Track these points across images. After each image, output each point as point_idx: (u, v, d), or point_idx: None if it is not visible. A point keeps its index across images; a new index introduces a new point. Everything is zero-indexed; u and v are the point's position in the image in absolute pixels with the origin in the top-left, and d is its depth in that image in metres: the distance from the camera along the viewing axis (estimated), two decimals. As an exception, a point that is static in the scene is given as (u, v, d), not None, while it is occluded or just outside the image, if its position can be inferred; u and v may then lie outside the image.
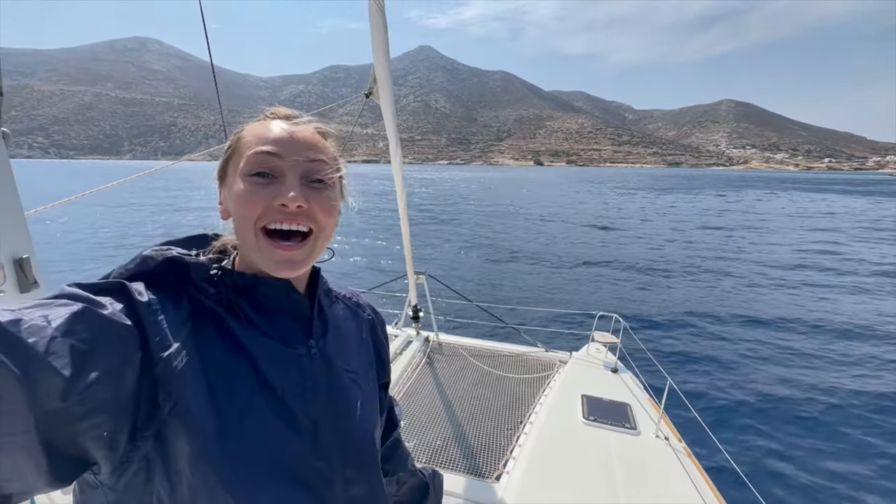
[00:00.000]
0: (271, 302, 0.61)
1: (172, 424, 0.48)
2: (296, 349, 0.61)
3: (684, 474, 2.21)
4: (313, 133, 0.61)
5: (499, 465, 2.40)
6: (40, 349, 0.38)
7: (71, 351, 0.40)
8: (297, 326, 0.64)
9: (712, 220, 26.16)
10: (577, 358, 3.59)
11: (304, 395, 0.59)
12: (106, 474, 0.47)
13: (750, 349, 7.20)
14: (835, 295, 10.65)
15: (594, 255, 15.27)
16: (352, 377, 0.69)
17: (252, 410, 0.53)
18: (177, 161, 1.85)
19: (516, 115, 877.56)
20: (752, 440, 4.73)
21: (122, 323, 0.46)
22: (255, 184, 0.56)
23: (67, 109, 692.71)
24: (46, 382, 0.38)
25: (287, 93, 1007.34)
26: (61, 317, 0.41)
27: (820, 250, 16.55)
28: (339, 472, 0.61)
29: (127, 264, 0.55)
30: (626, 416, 2.69)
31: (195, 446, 0.48)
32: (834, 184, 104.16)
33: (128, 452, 0.47)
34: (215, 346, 0.54)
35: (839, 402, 5.57)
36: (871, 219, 29.49)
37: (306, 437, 0.58)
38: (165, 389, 0.48)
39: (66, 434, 0.41)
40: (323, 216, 0.60)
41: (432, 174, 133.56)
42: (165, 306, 0.52)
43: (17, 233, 1.08)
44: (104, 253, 14.57)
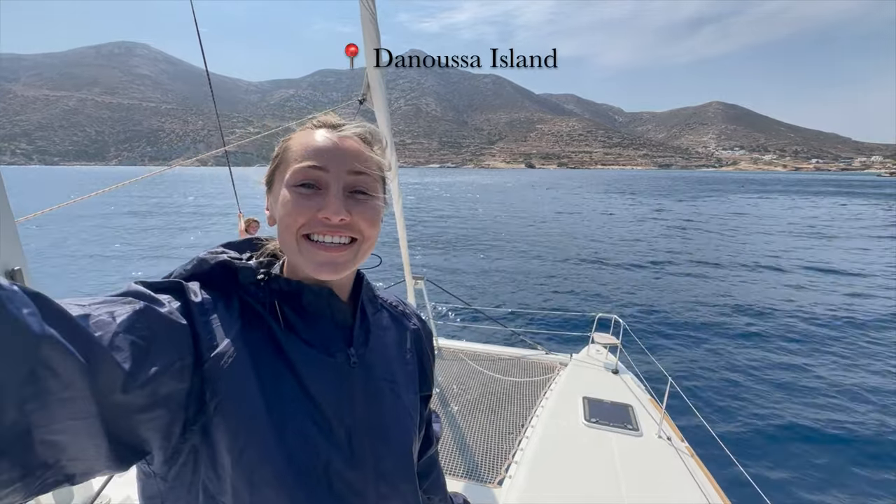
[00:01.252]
0: (314, 308, 0.62)
1: (217, 421, 0.50)
2: (335, 357, 0.61)
3: (688, 475, 2.18)
4: (358, 142, 0.62)
5: (501, 469, 2.37)
6: (105, 343, 0.41)
7: (132, 346, 0.43)
8: (339, 334, 0.64)
9: (712, 223, 26.01)
10: (577, 360, 3.57)
11: (340, 405, 0.60)
12: (158, 465, 0.50)
13: (750, 348, 7.16)
14: (839, 295, 10.69)
15: (593, 258, 15.00)
16: (392, 388, 0.68)
17: (291, 415, 0.55)
18: (174, 165, 1.80)
19: (507, 118, 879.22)
20: (756, 438, 4.69)
21: (177, 322, 0.49)
22: (300, 195, 0.57)
23: (52, 115, 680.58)
24: (108, 374, 0.40)
25: (277, 97, 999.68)
26: (125, 314, 0.44)
27: (822, 253, 16.34)
28: (373, 486, 0.61)
29: (185, 265, 0.58)
30: (627, 418, 2.67)
31: (236, 444, 0.50)
32: (826, 185, 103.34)
33: (178, 445, 0.49)
34: (262, 348, 0.56)
35: (844, 400, 5.48)
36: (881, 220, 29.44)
37: (341, 446, 0.58)
38: (212, 387, 0.50)
39: (126, 424, 0.43)
40: (366, 227, 0.60)
41: (420, 179, 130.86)
42: (217, 307, 0.55)
43: (9, 244, 1.07)
44: (100, 262, 14.07)
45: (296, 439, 0.54)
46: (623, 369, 3.35)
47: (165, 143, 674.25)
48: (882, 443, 4.63)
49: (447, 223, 25.88)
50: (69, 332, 0.38)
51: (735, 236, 20.65)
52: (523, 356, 3.79)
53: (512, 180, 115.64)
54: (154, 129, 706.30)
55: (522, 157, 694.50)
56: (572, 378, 3.25)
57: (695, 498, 2.04)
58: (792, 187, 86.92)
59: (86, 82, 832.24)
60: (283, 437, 0.53)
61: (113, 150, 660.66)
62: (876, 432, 4.81)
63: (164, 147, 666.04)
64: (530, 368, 3.59)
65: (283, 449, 0.53)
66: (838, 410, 5.24)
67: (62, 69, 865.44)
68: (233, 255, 0.62)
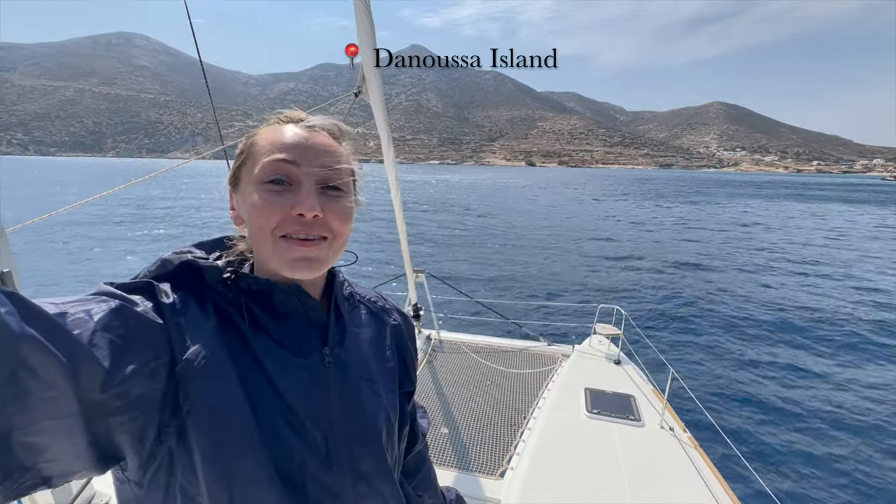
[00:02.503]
0: (285, 308, 0.60)
1: (191, 423, 0.49)
2: (308, 358, 0.60)
3: (690, 465, 2.18)
4: (328, 137, 0.60)
5: (503, 461, 2.37)
6: (84, 341, 0.40)
7: (110, 344, 0.42)
8: (313, 333, 0.63)
9: (721, 223, 25.39)
10: (579, 351, 3.56)
11: (315, 406, 0.58)
12: (133, 470, 0.48)
13: (753, 339, 7.18)
14: (842, 289, 10.79)
15: (594, 249, 15.00)
16: (371, 386, 0.66)
17: (263, 416, 0.53)
18: (189, 160, 1.82)
19: (508, 115, 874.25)
20: (758, 429, 4.69)
21: (154, 321, 0.48)
22: (271, 192, 0.55)
23: (49, 105, 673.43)
24: (89, 372, 0.40)
25: (277, 90, 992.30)
26: (101, 312, 0.43)
27: (832, 253, 16.26)
28: (350, 486, 0.60)
29: (150, 266, 0.56)
30: (629, 408, 2.67)
31: (210, 446, 0.49)
32: (834, 189, 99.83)
33: (154, 448, 0.48)
34: (234, 348, 0.55)
35: (845, 391, 5.46)
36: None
37: (316, 447, 0.57)
38: (185, 389, 0.49)
39: (104, 424, 0.42)
40: (338, 224, 0.59)
41: (418, 176, 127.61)
42: (189, 307, 0.53)
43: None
44: (91, 266, 13.80)
45: (269, 441, 0.53)
46: (625, 360, 3.35)
47: (163, 135, 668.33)
48: (885, 434, 4.60)
49: (446, 220, 25.40)
50: (48, 331, 0.37)
51: (743, 235, 19.90)
52: (525, 348, 3.79)
53: (527, 180, 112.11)
54: (152, 120, 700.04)
55: (523, 155, 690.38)
56: (574, 369, 3.25)
57: (697, 488, 2.04)
58: (802, 191, 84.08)
59: (84, 73, 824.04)
60: (256, 439, 0.52)
61: (110, 141, 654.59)
62: (880, 424, 4.77)
63: (161, 139, 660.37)
64: (532, 360, 3.59)
65: (256, 451, 0.52)
66: (841, 402, 5.18)
67: (60, 59, 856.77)
68: (199, 254, 0.60)
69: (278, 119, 0.62)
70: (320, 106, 2.51)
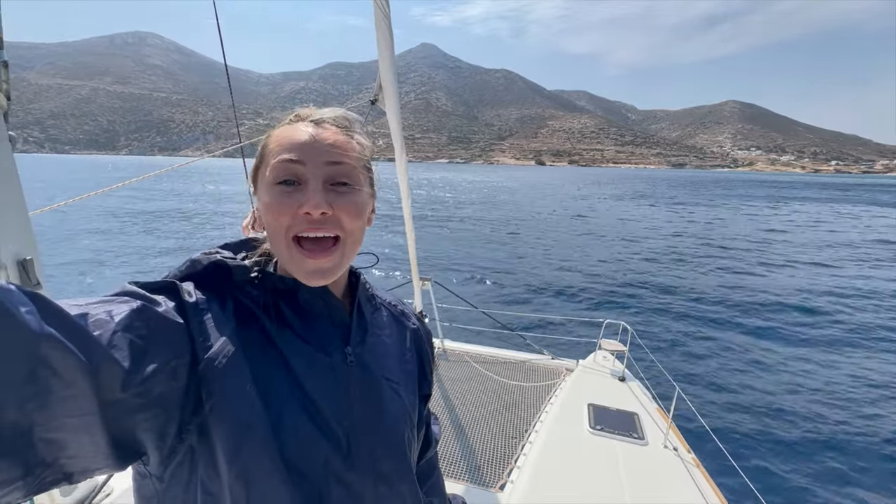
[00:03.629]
0: (310, 306, 0.62)
1: (213, 421, 0.50)
2: (331, 356, 0.61)
3: (694, 486, 2.15)
4: (336, 133, 0.60)
5: (503, 474, 2.35)
6: (104, 342, 0.41)
7: (130, 345, 0.43)
8: (336, 332, 0.64)
9: (727, 231, 24.27)
10: (583, 366, 3.53)
11: (337, 403, 0.59)
12: (154, 465, 0.50)
13: (760, 358, 7.05)
14: (852, 307, 10.36)
15: (602, 263, 14.87)
16: (391, 386, 0.67)
17: (287, 413, 0.54)
18: (204, 156, 1.84)
19: (518, 113, 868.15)
20: (764, 451, 4.60)
21: (174, 321, 0.50)
22: (281, 193, 0.56)
23: (64, 103, 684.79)
24: (108, 372, 0.40)
25: (287, 89, 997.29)
26: (122, 313, 0.44)
27: (837, 263, 15.57)
28: (371, 486, 0.60)
29: (179, 266, 0.58)
30: (633, 426, 2.63)
31: (231, 443, 0.50)
32: (869, 190, 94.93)
33: (175, 445, 0.49)
34: (257, 347, 0.56)
35: (855, 416, 5.39)
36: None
37: (339, 445, 0.58)
38: (208, 387, 0.50)
39: (124, 422, 0.43)
40: (349, 220, 0.59)
41: (426, 174, 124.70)
42: (211, 307, 0.55)
43: (22, 234, 1.09)
44: (110, 256, 14.23)
45: (292, 437, 0.54)
46: (630, 377, 3.31)
47: (175, 133, 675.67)
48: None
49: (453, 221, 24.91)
50: (68, 331, 0.38)
51: (761, 248, 18.83)
52: (529, 360, 3.77)
53: (538, 179, 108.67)
54: (164, 119, 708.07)
55: (532, 154, 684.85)
56: (578, 384, 3.23)
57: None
58: (822, 192, 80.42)
59: (98, 71, 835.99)
60: (280, 435, 0.53)
61: (123, 139, 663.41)
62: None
63: (173, 137, 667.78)
64: (536, 373, 3.57)
65: (279, 447, 0.52)
66: (855, 428, 5.07)
67: (75, 58, 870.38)
68: (227, 255, 0.61)
69: (290, 119, 0.63)
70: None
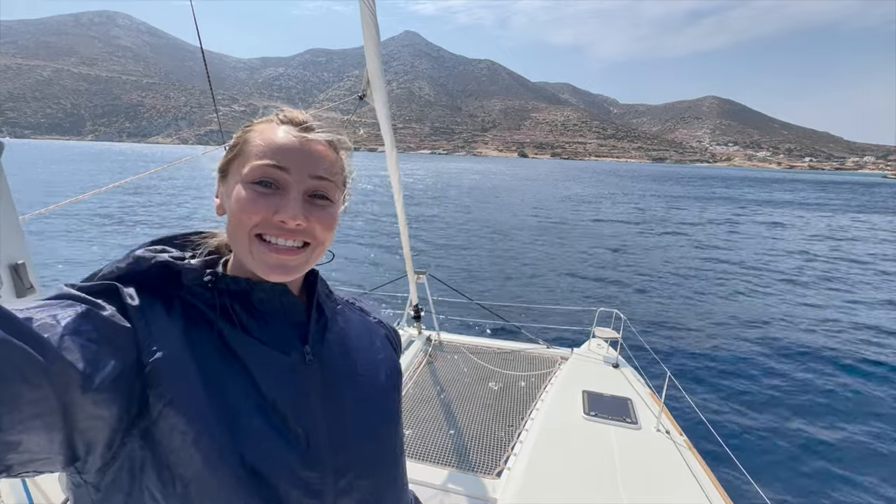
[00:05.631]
0: (266, 306, 0.60)
1: (161, 426, 0.48)
2: (289, 355, 0.60)
3: (686, 468, 2.20)
4: (325, 147, 0.59)
5: (500, 461, 2.39)
6: (54, 344, 0.40)
7: (81, 349, 0.42)
8: (293, 331, 0.62)
9: (718, 223, 24.77)
10: (578, 354, 3.59)
11: (295, 403, 0.58)
12: (91, 472, 0.47)
13: (751, 343, 7.22)
14: (840, 292, 10.93)
15: (594, 252, 15.23)
16: (353, 382, 0.66)
17: (241, 416, 0.53)
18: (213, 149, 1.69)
19: (502, 105, 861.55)
20: (755, 433, 4.73)
21: (121, 325, 0.48)
22: (257, 192, 0.55)
23: (24, 85, 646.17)
24: (64, 375, 0.40)
25: (265, 75, 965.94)
26: (69, 317, 0.43)
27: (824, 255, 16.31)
28: (331, 483, 0.59)
29: (118, 262, 0.54)
30: (627, 411, 2.69)
31: (182, 449, 0.48)
32: (840, 189, 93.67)
33: (116, 451, 0.47)
34: (208, 350, 0.54)
35: (845, 400, 5.49)
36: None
37: (297, 445, 0.56)
38: (155, 392, 0.48)
39: (77, 425, 0.42)
40: (322, 231, 0.59)
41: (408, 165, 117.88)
42: (156, 310, 0.52)
43: (13, 238, 1.08)
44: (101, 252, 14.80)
45: (248, 438, 0.52)
46: (623, 363, 3.38)
47: (145, 118, 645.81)
48: (881, 444, 4.59)
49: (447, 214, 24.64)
50: (20, 334, 0.37)
51: (747, 240, 19.37)
52: (524, 350, 3.83)
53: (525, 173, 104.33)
54: (134, 103, 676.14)
55: (516, 146, 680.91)
56: (572, 372, 3.28)
57: (692, 491, 2.06)
58: (796, 188, 78.65)
59: (62, 52, 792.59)
60: (235, 438, 0.51)
61: (89, 124, 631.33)
62: (876, 434, 4.77)
63: (143, 123, 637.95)
64: (531, 362, 3.62)
65: (234, 449, 0.51)
66: (839, 410, 5.21)
67: (38, 37, 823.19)
68: (174, 254, 0.58)
69: (279, 118, 0.60)
70: (328, 108, 2.42)
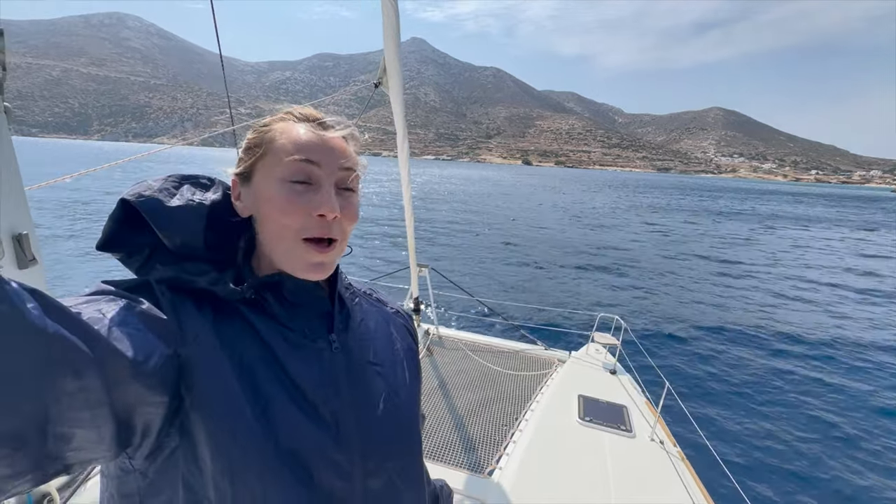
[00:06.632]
0: (295, 297, 0.62)
1: (194, 415, 0.50)
2: (317, 343, 0.62)
3: (678, 479, 2.19)
4: (342, 141, 0.62)
5: (492, 460, 2.39)
6: (104, 335, 0.42)
7: (129, 337, 0.44)
8: (319, 321, 0.65)
9: (723, 233, 25.26)
10: (576, 358, 3.57)
11: (325, 389, 0.60)
12: (140, 459, 0.50)
13: (751, 359, 7.21)
14: (843, 307, 10.87)
15: (598, 257, 15.29)
16: (376, 370, 0.69)
17: (274, 403, 0.55)
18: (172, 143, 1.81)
19: (507, 112, 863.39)
20: (749, 447, 4.75)
21: (159, 317, 0.50)
22: (294, 191, 0.57)
23: (33, 84, 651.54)
24: (115, 363, 0.41)
25: (272, 79, 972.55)
26: (113, 310, 0.45)
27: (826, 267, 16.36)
28: (360, 465, 0.61)
29: (153, 271, 0.56)
30: (621, 418, 2.67)
31: (215, 436, 0.50)
32: (857, 204, 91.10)
33: (161, 438, 0.49)
34: (239, 340, 0.56)
35: (849, 417, 5.50)
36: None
37: (327, 429, 0.59)
38: (186, 382, 0.50)
39: (130, 413, 0.44)
40: (348, 223, 0.62)
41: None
42: (186, 305, 0.55)
43: (17, 209, 1.08)
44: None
45: (282, 423, 0.54)
46: (621, 370, 3.36)
47: (152, 119, 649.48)
48: (879, 460, 4.62)
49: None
50: (71, 326, 0.39)
51: (751, 250, 19.54)
52: (522, 350, 3.81)
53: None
54: (141, 104, 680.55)
55: (520, 154, 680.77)
56: (569, 375, 3.26)
57: (683, 502, 2.05)
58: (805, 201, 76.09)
59: (72, 52, 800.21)
60: (266, 423, 0.53)
61: (96, 124, 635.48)
62: (876, 451, 4.78)
63: (150, 123, 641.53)
64: (529, 363, 3.61)
65: (266, 434, 0.53)
66: (844, 434, 5.16)
67: (48, 37, 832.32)
68: (207, 276, 0.57)
69: (293, 116, 0.62)
70: (340, 94, 2.70)
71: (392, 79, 2.35)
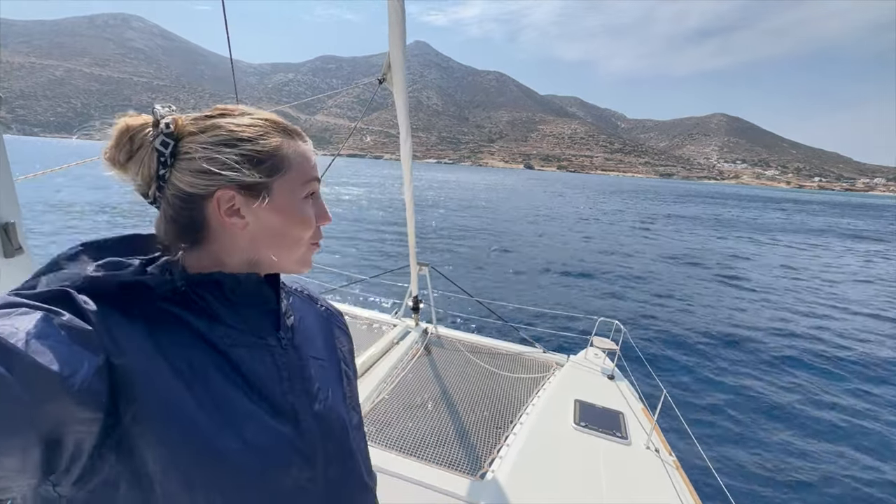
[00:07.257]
0: (238, 297, 0.60)
1: (137, 431, 0.46)
2: (266, 340, 0.62)
3: (671, 488, 2.17)
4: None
5: (485, 463, 2.37)
6: (21, 348, 0.38)
7: (52, 350, 0.40)
8: (266, 319, 0.64)
9: (727, 242, 24.72)
10: (574, 362, 3.56)
11: (281, 384, 0.60)
12: (66, 485, 0.45)
13: (752, 371, 7.14)
14: (844, 315, 10.81)
15: (599, 262, 15.32)
16: (320, 364, 0.71)
17: (231, 403, 0.53)
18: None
19: (509, 116, 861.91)
20: (745, 459, 4.71)
21: (82, 328, 0.45)
22: (308, 206, 0.63)
23: (36, 83, 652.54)
24: (37, 379, 0.38)
25: (275, 81, 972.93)
26: (28, 322, 0.41)
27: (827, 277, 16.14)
28: (321, 455, 0.63)
29: (63, 280, 0.49)
30: (617, 425, 2.67)
31: (167, 449, 0.47)
32: (851, 210, 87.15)
33: (94, 459, 0.45)
34: (181, 346, 0.53)
35: (839, 425, 5.49)
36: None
37: (289, 422, 0.59)
38: (126, 395, 0.46)
39: (53, 436, 0.41)
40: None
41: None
42: (115, 315, 0.49)
43: (5, 198, 1.07)
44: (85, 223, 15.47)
45: (242, 423, 0.53)
46: (619, 376, 3.33)
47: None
48: (879, 475, 4.56)
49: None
50: None
51: (754, 260, 19.19)
52: (520, 352, 3.78)
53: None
54: (144, 104, 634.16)
55: (522, 158, 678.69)
56: (567, 379, 3.24)
57: None
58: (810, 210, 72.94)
59: (76, 52, 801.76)
60: (227, 425, 0.52)
61: (98, 123, 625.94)
62: (874, 469, 4.72)
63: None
64: (526, 365, 3.56)
65: (231, 436, 0.51)
66: (839, 446, 5.13)
67: (52, 37, 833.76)
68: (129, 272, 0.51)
69: (273, 125, 0.61)
70: (344, 90, 2.67)
71: (396, 74, 2.33)
